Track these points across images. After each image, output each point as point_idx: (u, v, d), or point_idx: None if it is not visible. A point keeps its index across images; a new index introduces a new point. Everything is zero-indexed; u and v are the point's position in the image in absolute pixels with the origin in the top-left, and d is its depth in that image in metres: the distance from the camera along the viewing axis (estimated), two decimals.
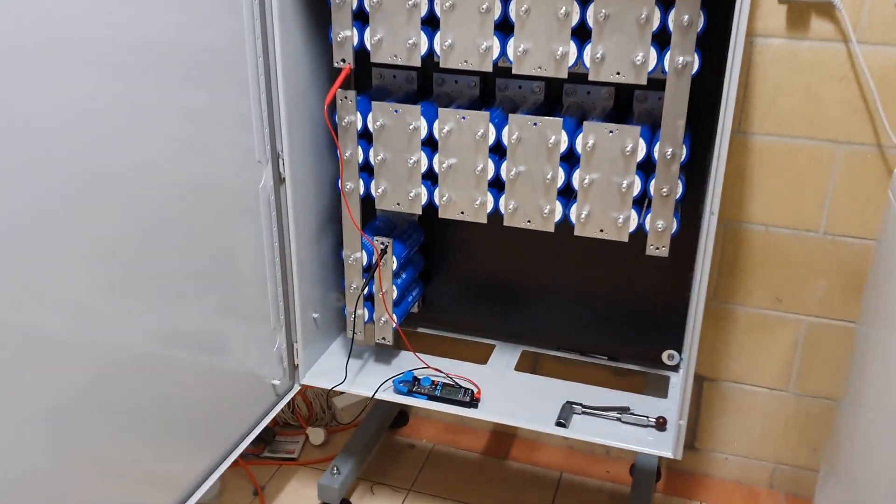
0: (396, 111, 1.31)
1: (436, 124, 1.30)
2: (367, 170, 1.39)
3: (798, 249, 1.50)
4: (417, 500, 1.69)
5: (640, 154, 1.22)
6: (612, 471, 1.78)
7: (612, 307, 1.53)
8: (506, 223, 1.32)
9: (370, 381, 1.49)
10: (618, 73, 1.18)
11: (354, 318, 1.47)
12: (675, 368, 1.54)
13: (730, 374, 1.64)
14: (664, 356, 1.52)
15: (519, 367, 1.55)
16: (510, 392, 1.47)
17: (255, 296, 1.37)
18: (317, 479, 1.63)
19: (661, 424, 1.38)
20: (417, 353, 1.51)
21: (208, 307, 1.25)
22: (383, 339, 1.49)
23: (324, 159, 1.45)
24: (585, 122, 1.23)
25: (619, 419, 1.40)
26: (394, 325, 1.47)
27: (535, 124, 1.25)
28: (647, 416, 1.39)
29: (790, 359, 1.59)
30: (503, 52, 1.22)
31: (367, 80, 1.44)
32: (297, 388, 1.51)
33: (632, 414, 1.40)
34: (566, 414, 1.40)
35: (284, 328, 1.45)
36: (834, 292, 1.51)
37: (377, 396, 1.46)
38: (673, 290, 1.47)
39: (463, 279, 1.61)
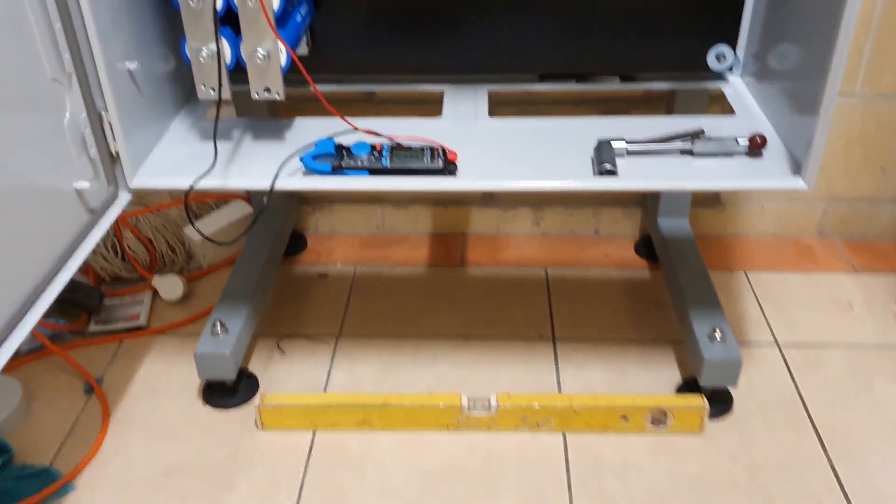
0: None
1: None
2: None
3: None
4: (357, 349, 1.11)
5: None
6: (609, 254, 1.28)
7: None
8: None
9: (258, 166, 0.85)
10: None
11: (218, 57, 0.80)
12: (724, 76, 1.01)
13: None
14: (710, 58, 0.98)
15: (492, 113, 0.96)
16: (498, 146, 0.89)
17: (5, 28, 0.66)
18: (186, 350, 1.02)
19: (757, 147, 0.85)
20: (334, 110, 0.87)
21: None
22: (267, 90, 0.83)
23: None
24: None
25: (690, 151, 0.86)
26: (285, 58, 0.81)
27: None
28: (734, 139, 0.86)
29: (860, 44, 1.11)
30: None
31: None
32: (125, 197, 0.84)
33: (709, 139, 0.86)
34: (606, 155, 0.84)
35: (77, 83, 0.76)
36: None
37: (281, 187, 0.83)
38: None
39: None
